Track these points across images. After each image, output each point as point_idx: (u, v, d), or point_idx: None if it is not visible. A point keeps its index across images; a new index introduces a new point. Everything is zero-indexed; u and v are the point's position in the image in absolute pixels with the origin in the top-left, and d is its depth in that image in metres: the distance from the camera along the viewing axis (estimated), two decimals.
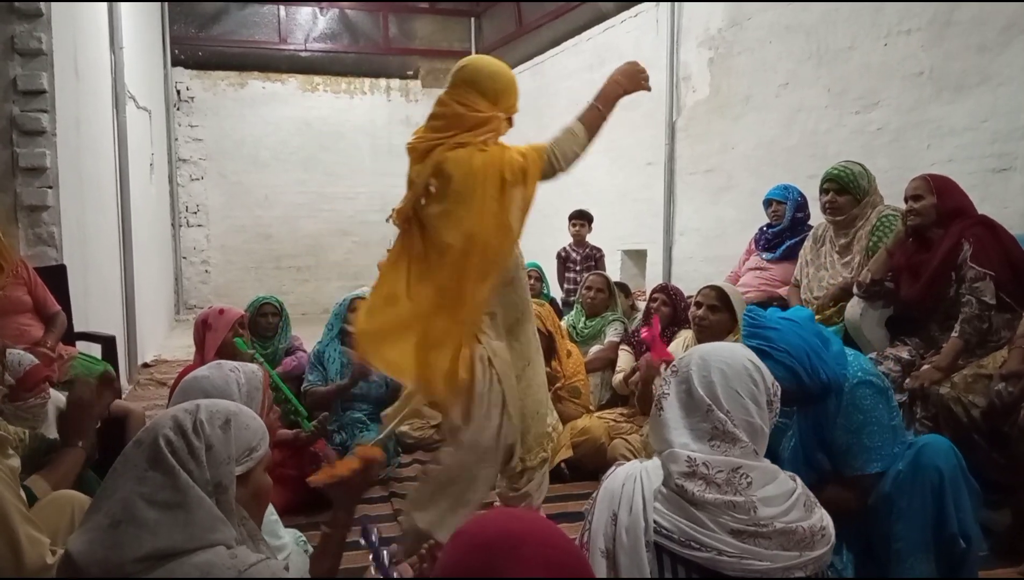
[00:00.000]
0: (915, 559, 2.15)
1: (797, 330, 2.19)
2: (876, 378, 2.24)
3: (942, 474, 2.13)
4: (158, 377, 6.25)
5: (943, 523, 2.13)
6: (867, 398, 2.19)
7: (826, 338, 2.24)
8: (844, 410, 2.19)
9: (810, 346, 2.15)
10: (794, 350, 2.14)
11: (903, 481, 2.16)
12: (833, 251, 3.80)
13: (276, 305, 4.22)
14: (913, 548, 2.14)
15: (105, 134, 5.76)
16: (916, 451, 2.18)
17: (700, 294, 3.55)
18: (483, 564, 0.99)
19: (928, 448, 2.17)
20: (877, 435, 2.18)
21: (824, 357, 2.17)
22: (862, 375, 2.21)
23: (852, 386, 2.19)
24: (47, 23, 4.23)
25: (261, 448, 1.43)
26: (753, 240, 4.63)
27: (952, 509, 2.12)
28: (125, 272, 6.09)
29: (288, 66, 10.75)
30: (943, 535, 2.13)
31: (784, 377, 2.03)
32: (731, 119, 6.42)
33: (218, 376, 1.90)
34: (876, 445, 2.18)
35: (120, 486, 1.27)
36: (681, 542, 1.45)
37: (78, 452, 2.30)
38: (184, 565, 1.21)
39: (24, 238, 4.24)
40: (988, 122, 4.29)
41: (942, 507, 2.13)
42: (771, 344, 2.15)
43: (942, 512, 2.13)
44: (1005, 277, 3.09)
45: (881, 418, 2.19)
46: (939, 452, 2.16)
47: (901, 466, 2.18)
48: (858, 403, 2.18)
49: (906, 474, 2.16)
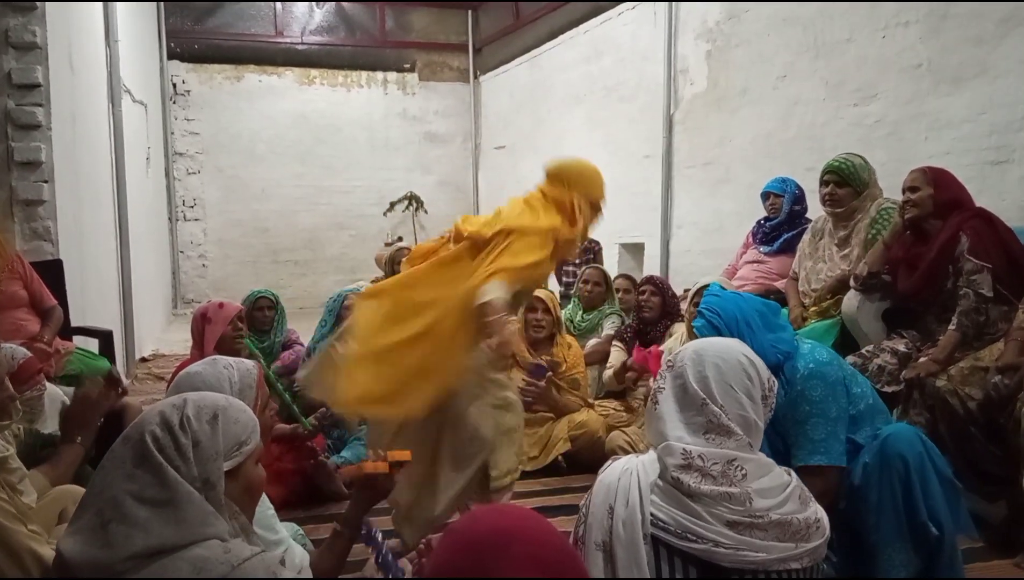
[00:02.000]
0: (892, 550, 2.12)
1: (738, 302, 2.32)
2: (831, 368, 2.21)
3: (907, 462, 2.10)
4: (156, 371, 6.25)
5: (913, 511, 2.10)
6: (816, 390, 2.17)
7: (771, 321, 2.28)
8: (793, 401, 2.17)
9: (744, 316, 2.24)
10: (725, 314, 2.25)
11: (870, 473, 2.14)
12: (832, 244, 3.79)
13: (272, 298, 4.22)
14: (888, 539, 2.12)
15: (101, 128, 5.74)
16: (881, 442, 2.15)
17: (699, 295, 3.41)
18: (474, 563, 0.98)
19: (892, 438, 2.15)
20: (821, 428, 2.15)
21: (755, 330, 2.21)
22: (814, 367, 2.19)
23: (803, 377, 2.18)
24: (41, 16, 4.21)
25: (251, 442, 1.40)
26: (750, 233, 4.62)
27: (920, 496, 2.10)
28: (122, 266, 6.07)
29: (284, 59, 10.72)
30: (915, 523, 2.11)
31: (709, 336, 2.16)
32: (729, 112, 6.41)
33: (211, 373, 1.88)
34: (820, 438, 2.14)
35: (109, 483, 1.25)
36: (678, 534, 1.45)
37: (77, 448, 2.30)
38: (177, 561, 1.20)
39: (20, 233, 4.22)
40: (986, 114, 4.28)
41: (910, 495, 2.11)
42: (708, 306, 2.31)
43: (910, 500, 2.11)
44: (1002, 269, 3.10)
45: (828, 411, 2.16)
46: (903, 440, 2.14)
47: (868, 458, 2.15)
48: (807, 394, 2.16)
49: (872, 465, 2.14)
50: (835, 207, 3.72)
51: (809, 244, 3.92)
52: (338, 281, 9.82)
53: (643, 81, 7.52)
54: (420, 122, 11.30)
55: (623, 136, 7.84)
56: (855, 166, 3.68)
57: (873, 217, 3.64)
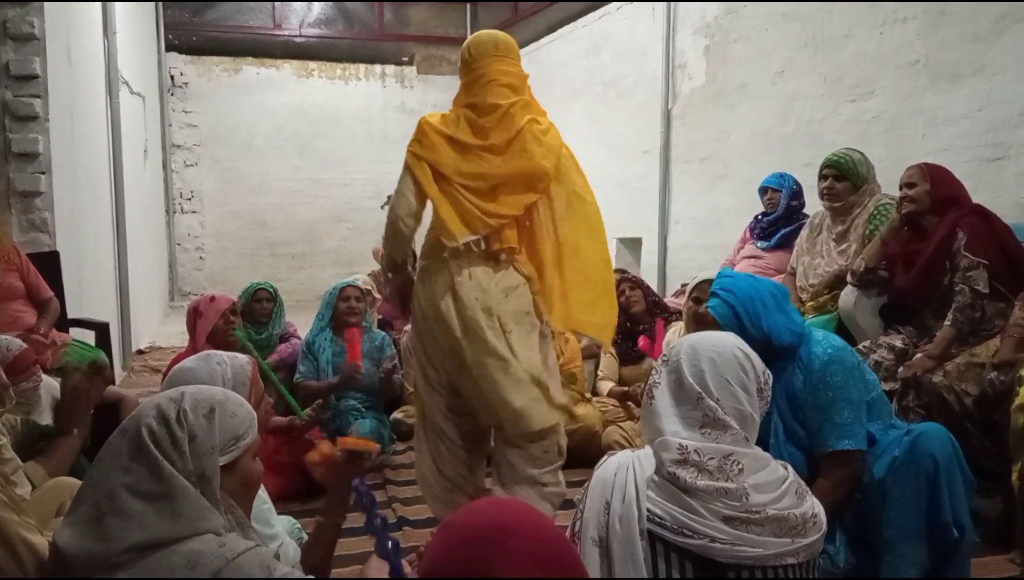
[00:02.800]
0: (907, 546, 2.15)
1: (753, 283, 2.38)
2: (847, 353, 2.27)
3: (937, 462, 2.13)
4: (152, 364, 6.25)
5: (936, 511, 2.13)
6: (837, 375, 2.20)
7: (783, 303, 2.33)
8: (814, 388, 2.20)
9: (759, 296, 2.29)
10: (740, 294, 2.30)
11: (898, 467, 2.16)
12: (829, 239, 3.80)
13: (270, 291, 4.22)
14: (905, 535, 2.15)
15: (98, 120, 5.73)
16: (913, 438, 2.18)
17: (697, 289, 3.41)
18: (471, 557, 0.97)
19: (925, 436, 2.18)
20: (847, 411, 2.19)
21: (770, 310, 2.26)
22: (832, 352, 2.23)
23: (823, 363, 2.21)
24: (39, 8, 4.19)
25: (248, 436, 1.40)
26: (748, 228, 4.63)
27: (946, 497, 2.13)
28: (119, 259, 6.07)
29: (283, 52, 10.69)
30: (936, 523, 2.14)
31: (725, 315, 2.30)
32: (727, 107, 6.40)
33: (204, 369, 1.87)
34: (846, 422, 2.18)
35: (105, 476, 1.25)
36: (674, 529, 1.45)
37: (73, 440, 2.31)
38: (172, 555, 1.20)
39: (17, 224, 4.21)
40: (983, 111, 4.29)
41: (936, 495, 2.13)
42: (722, 286, 2.37)
43: (936, 500, 2.13)
44: (999, 266, 3.10)
45: (851, 395, 2.20)
46: (935, 440, 2.17)
47: (897, 452, 2.18)
48: (828, 380, 2.20)
49: (901, 460, 2.16)
50: (833, 201, 3.72)
51: (807, 239, 3.92)
52: (336, 274, 9.80)
53: (641, 76, 7.51)
54: (418, 115, 11.04)
55: (621, 131, 7.83)
56: (854, 161, 3.69)
57: (871, 212, 3.64)
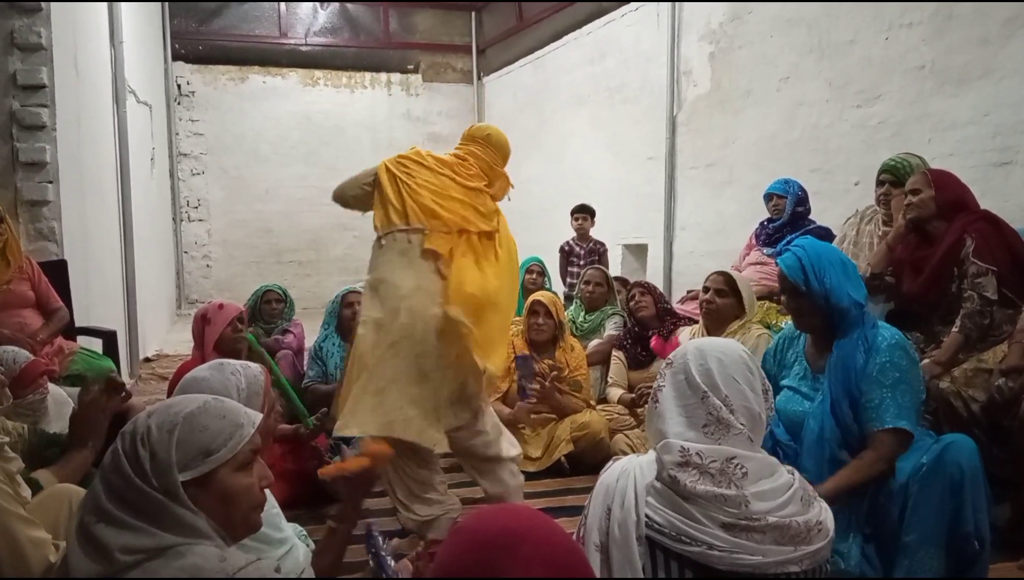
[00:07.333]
0: (925, 553, 2.16)
1: (827, 246, 2.51)
2: (910, 346, 2.35)
3: (964, 472, 2.15)
4: (160, 371, 6.26)
5: (959, 521, 2.15)
6: (903, 360, 2.27)
7: (850, 272, 2.38)
8: (881, 366, 2.25)
9: (828, 256, 2.37)
10: (810, 250, 2.39)
11: (924, 474, 2.18)
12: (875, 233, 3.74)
13: (280, 292, 4.25)
14: (925, 542, 2.16)
15: (105, 129, 5.76)
16: (942, 447, 2.21)
17: (708, 279, 3.64)
18: (482, 562, 0.97)
19: (954, 446, 2.21)
20: (909, 396, 2.24)
21: (836, 271, 2.33)
22: (899, 339, 2.31)
23: (890, 346, 2.27)
24: (46, 18, 4.23)
25: (223, 449, 1.32)
26: (754, 234, 4.62)
27: (970, 509, 2.15)
28: (126, 267, 6.09)
29: (288, 60, 10.75)
30: (957, 533, 2.16)
31: (792, 266, 2.37)
32: (732, 113, 6.40)
33: (218, 379, 1.85)
34: (907, 404, 2.23)
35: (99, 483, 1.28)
36: (672, 536, 1.45)
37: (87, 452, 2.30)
38: (171, 568, 1.20)
39: (25, 233, 4.24)
40: (990, 116, 4.28)
41: (960, 505, 2.15)
42: (797, 243, 2.47)
43: (959, 510, 2.15)
44: (1007, 272, 3.08)
45: (913, 382, 2.27)
46: (964, 450, 2.20)
47: (924, 459, 2.20)
48: (896, 362, 2.25)
49: (928, 467, 2.18)
50: (889, 208, 3.63)
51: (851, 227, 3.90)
52: (342, 282, 9.80)
53: (646, 83, 7.52)
54: (424, 123, 11.30)
55: (626, 137, 7.84)
56: (912, 166, 3.58)
57: None
